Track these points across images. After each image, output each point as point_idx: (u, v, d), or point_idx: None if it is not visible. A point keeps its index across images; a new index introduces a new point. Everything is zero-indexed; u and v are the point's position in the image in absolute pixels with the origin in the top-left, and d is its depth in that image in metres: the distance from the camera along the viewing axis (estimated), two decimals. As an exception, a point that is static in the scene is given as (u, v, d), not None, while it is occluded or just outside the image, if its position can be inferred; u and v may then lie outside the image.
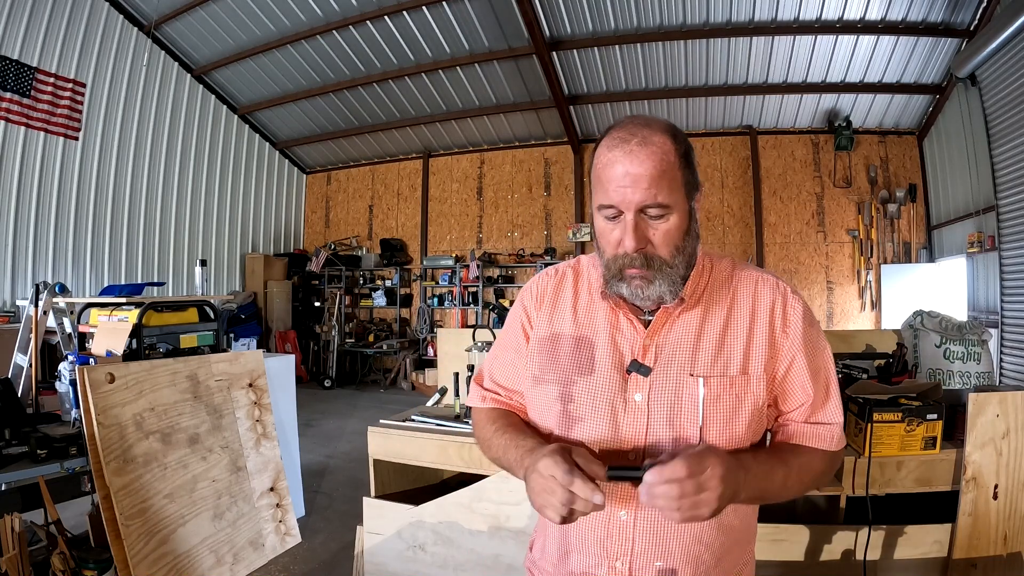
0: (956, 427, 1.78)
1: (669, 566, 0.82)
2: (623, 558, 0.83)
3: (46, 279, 5.38)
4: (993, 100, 5.47)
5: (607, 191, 0.78)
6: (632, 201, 0.76)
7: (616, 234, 0.80)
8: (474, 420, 1.02)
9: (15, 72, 5.88)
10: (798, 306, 0.86)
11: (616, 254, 0.80)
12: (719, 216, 7.67)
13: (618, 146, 0.78)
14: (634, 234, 0.77)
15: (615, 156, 0.78)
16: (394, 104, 8.24)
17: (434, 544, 2.04)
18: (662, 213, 0.78)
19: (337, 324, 8.71)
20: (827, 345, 0.89)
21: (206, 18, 7.17)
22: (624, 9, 6.13)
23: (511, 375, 0.98)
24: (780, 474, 0.81)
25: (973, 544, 1.68)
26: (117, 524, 2.24)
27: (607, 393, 0.84)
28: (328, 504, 3.70)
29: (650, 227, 0.79)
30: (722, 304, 0.86)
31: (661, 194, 0.76)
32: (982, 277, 5.83)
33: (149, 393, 2.55)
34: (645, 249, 0.79)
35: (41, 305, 2.97)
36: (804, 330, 0.86)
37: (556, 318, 0.92)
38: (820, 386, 0.86)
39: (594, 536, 0.85)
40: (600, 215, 0.82)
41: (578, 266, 0.97)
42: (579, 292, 0.93)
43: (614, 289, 0.83)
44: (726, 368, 0.83)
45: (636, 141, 0.77)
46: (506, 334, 1.01)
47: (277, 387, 3.34)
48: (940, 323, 2.07)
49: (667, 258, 0.80)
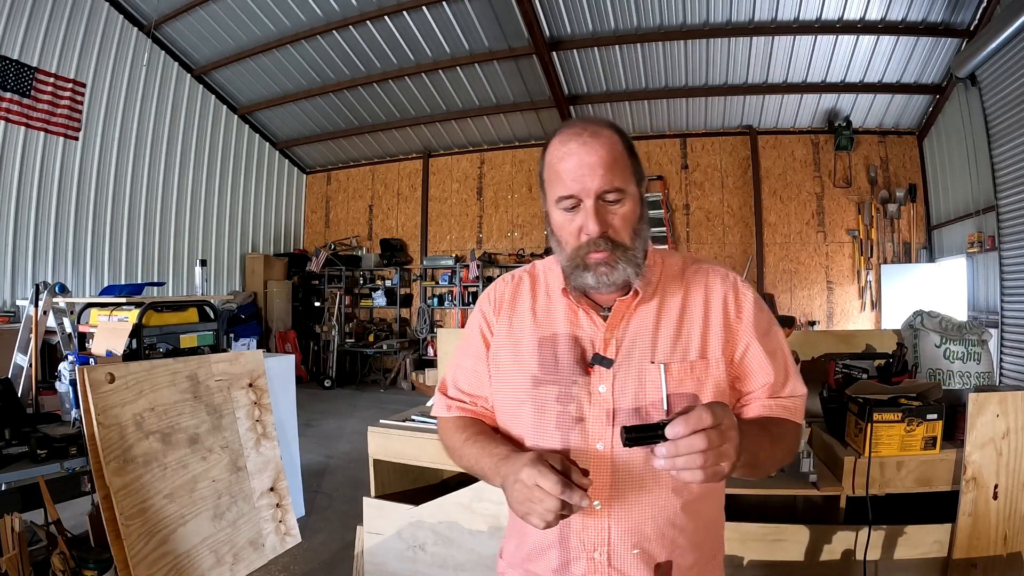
0: (956, 427, 1.79)
1: (646, 552, 0.84)
2: (600, 548, 0.84)
3: (46, 279, 5.38)
4: (993, 100, 5.47)
5: (564, 182, 0.82)
6: (591, 188, 0.80)
7: (576, 223, 0.83)
8: (441, 430, 1.01)
9: (15, 72, 5.88)
10: (748, 294, 0.91)
11: (579, 243, 0.83)
12: (719, 216, 7.67)
13: (572, 140, 0.83)
14: (596, 218, 0.81)
15: (570, 149, 0.82)
16: (394, 104, 8.24)
17: (434, 544, 2.04)
18: (619, 198, 0.82)
19: (337, 324, 8.71)
20: (779, 328, 0.93)
21: (206, 18, 7.17)
22: (624, 9, 6.13)
23: (474, 382, 0.99)
24: (766, 441, 0.82)
25: (973, 544, 1.68)
26: (117, 524, 2.24)
27: (572, 388, 0.86)
28: (328, 504, 3.70)
29: (609, 212, 0.82)
30: (676, 295, 0.90)
31: (617, 179, 0.81)
32: (982, 277, 5.83)
33: (149, 393, 2.55)
34: (607, 233, 0.82)
35: (41, 305, 2.97)
36: (755, 315, 0.90)
37: (516, 322, 0.94)
38: (779, 365, 0.90)
39: (571, 530, 0.85)
40: (557, 209, 0.85)
41: (534, 270, 1.00)
42: (537, 295, 0.95)
43: (578, 280, 0.85)
44: (685, 354, 0.86)
45: (588, 134, 0.82)
46: (466, 342, 1.02)
47: (277, 387, 3.34)
48: (940, 323, 2.07)
49: (627, 242, 0.84)
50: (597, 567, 0.85)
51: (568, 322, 0.90)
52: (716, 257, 7.67)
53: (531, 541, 0.91)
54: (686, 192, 7.79)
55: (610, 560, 0.84)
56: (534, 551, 0.91)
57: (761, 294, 6.59)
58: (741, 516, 1.79)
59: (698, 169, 7.76)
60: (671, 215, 7.77)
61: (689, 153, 7.80)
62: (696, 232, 7.74)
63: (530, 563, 0.92)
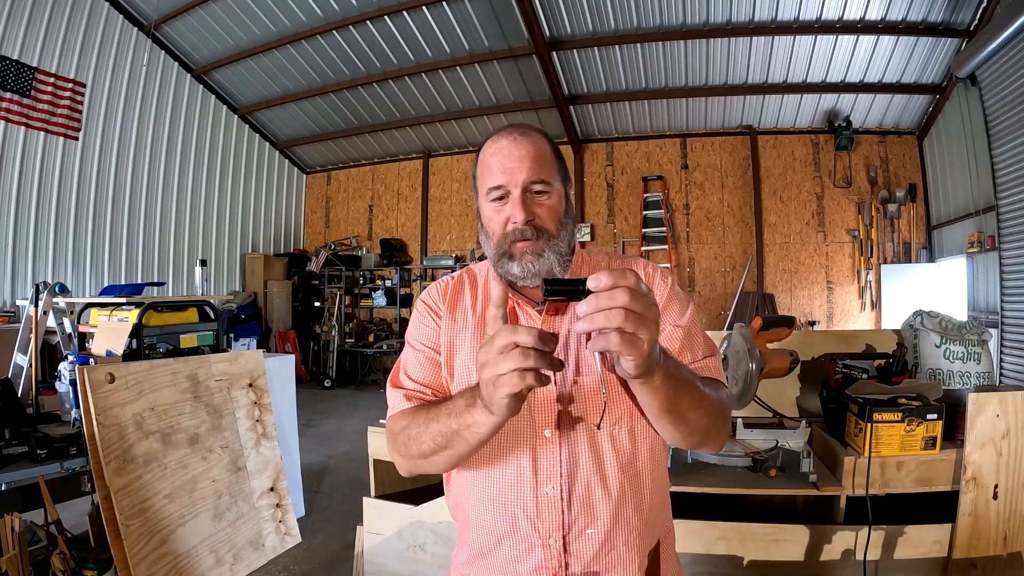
0: (956, 427, 1.79)
1: (601, 532, 0.85)
2: (556, 533, 0.85)
3: (46, 279, 5.38)
4: (993, 100, 5.47)
5: (495, 174, 0.88)
6: (519, 179, 0.86)
7: (504, 213, 0.88)
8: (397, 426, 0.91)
9: (15, 72, 5.88)
10: (668, 282, 0.96)
11: (505, 232, 0.88)
12: (719, 216, 7.67)
13: (503, 138, 0.90)
14: (522, 206, 0.86)
15: (501, 145, 0.89)
16: (394, 104, 8.24)
17: (434, 544, 2.04)
18: (545, 190, 0.88)
19: (337, 324, 8.71)
20: (694, 309, 0.96)
21: (206, 18, 7.17)
22: (624, 9, 6.13)
23: (430, 370, 0.96)
24: (687, 372, 0.77)
25: (973, 544, 1.68)
26: (117, 524, 2.24)
27: None
28: (328, 504, 3.70)
29: (535, 202, 0.88)
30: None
31: (543, 173, 0.88)
32: (982, 277, 5.83)
33: (149, 393, 2.55)
34: (533, 221, 0.87)
35: (41, 305, 2.97)
36: (675, 302, 0.93)
37: (459, 318, 0.96)
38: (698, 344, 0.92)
39: (525, 517, 0.86)
40: (487, 202, 0.90)
41: (471, 272, 1.03)
42: (476, 294, 0.98)
43: (503, 269, 0.89)
44: None
45: (518, 133, 0.90)
46: (412, 337, 1.00)
47: (277, 387, 3.34)
48: (940, 323, 2.07)
49: (553, 231, 0.88)
50: (553, 554, 0.85)
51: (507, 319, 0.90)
52: (716, 257, 7.69)
53: (481, 537, 0.90)
54: (686, 192, 7.79)
55: (566, 544, 0.85)
56: (486, 545, 0.90)
57: (761, 294, 6.59)
58: (741, 516, 1.79)
59: (698, 169, 7.76)
60: (671, 215, 7.77)
61: (689, 153, 7.80)
62: (696, 232, 7.74)
63: (483, 559, 0.90)
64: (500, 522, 0.88)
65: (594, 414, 0.86)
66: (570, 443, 0.86)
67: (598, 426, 0.86)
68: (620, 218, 8.07)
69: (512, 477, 0.86)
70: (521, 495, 0.86)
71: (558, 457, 0.85)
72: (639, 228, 7.84)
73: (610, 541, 0.86)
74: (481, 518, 0.90)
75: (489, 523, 0.89)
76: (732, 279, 7.60)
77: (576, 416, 0.86)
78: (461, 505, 0.95)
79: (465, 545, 0.96)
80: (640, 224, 7.84)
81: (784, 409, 2.15)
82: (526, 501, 0.86)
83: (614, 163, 8.11)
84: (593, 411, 0.86)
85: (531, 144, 0.89)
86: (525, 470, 0.86)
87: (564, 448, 0.85)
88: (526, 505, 0.86)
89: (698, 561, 1.75)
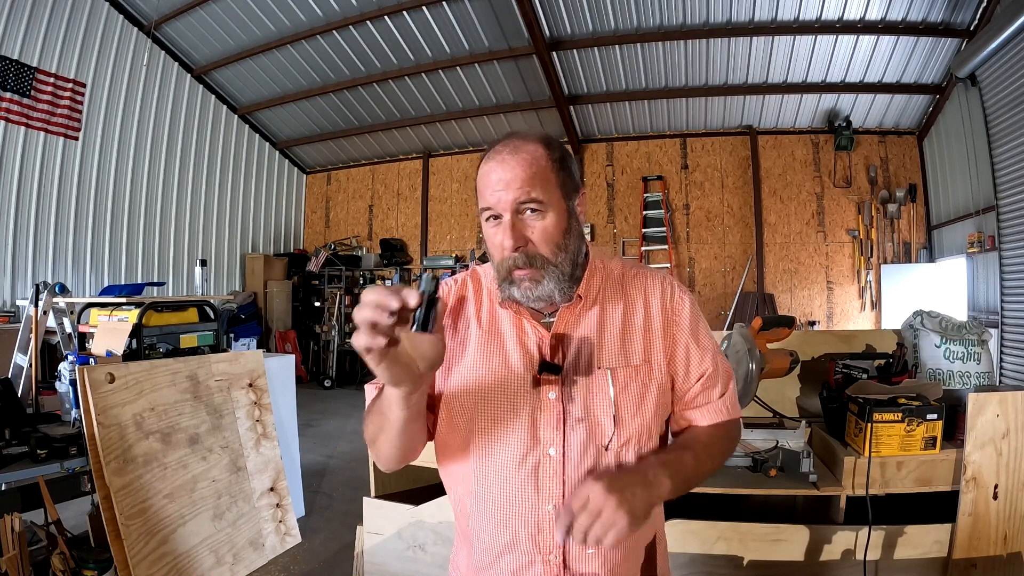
0: (956, 427, 1.78)
1: (601, 552, 0.85)
2: (556, 551, 0.84)
3: (46, 279, 5.37)
4: (993, 100, 5.48)
5: (485, 196, 0.84)
6: (507, 202, 0.82)
7: (499, 237, 0.84)
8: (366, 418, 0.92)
9: (15, 72, 5.88)
10: (686, 299, 0.94)
11: (503, 257, 0.84)
12: (719, 216, 7.67)
13: (493, 157, 0.85)
14: (511, 232, 0.82)
15: (490, 166, 0.84)
16: (394, 104, 8.24)
17: (434, 544, 2.04)
18: (537, 209, 0.82)
19: (337, 324, 8.71)
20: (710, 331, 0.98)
21: (206, 18, 7.17)
22: (624, 9, 6.13)
23: None
24: (689, 458, 0.87)
25: (973, 544, 1.68)
26: (117, 524, 2.24)
27: (522, 395, 0.86)
28: (328, 504, 3.70)
29: (528, 226, 0.83)
30: (617, 301, 0.92)
31: (536, 191, 0.82)
32: (982, 277, 5.83)
33: (149, 393, 2.55)
34: (526, 248, 0.83)
35: (41, 305, 2.97)
36: (691, 318, 0.93)
37: (461, 326, 0.93)
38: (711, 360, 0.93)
39: (526, 533, 0.85)
40: (484, 221, 0.87)
41: (476, 275, 0.99)
42: (481, 300, 0.95)
43: (506, 293, 0.86)
44: (630, 358, 0.89)
45: (507, 151, 0.84)
46: None
47: (277, 387, 3.34)
48: (940, 323, 2.07)
49: (549, 256, 0.84)
50: (553, 569, 0.84)
51: (514, 327, 0.90)
52: (716, 257, 7.69)
53: (482, 547, 0.89)
54: (686, 192, 7.80)
55: (565, 562, 0.84)
56: (486, 558, 0.89)
57: (761, 294, 6.60)
58: (741, 516, 1.79)
59: (698, 169, 7.76)
60: (671, 215, 7.78)
61: (689, 153, 7.80)
62: (696, 232, 7.74)
63: (483, 572, 0.90)
64: (500, 537, 0.87)
65: (602, 435, 0.85)
66: (575, 463, 0.85)
67: (606, 448, 0.85)
68: (620, 218, 8.07)
69: (514, 494, 0.86)
70: (522, 512, 0.85)
71: (560, 477, 0.85)
72: (639, 228, 7.84)
73: (611, 560, 0.86)
74: (482, 532, 0.89)
75: (489, 537, 0.88)
76: (732, 279, 7.60)
77: (582, 436, 0.85)
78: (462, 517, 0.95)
79: (464, 546, 0.96)
80: (640, 224, 7.84)
81: (784, 409, 2.15)
82: (527, 518, 0.85)
83: (614, 163, 8.11)
84: (600, 431, 0.85)
85: (519, 164, 0.82)
86: (528, 488, 0.85)
87: (568, 467, 0.85)
88: (527, 521, 0.85)
89: (698, 561, 1.75)
